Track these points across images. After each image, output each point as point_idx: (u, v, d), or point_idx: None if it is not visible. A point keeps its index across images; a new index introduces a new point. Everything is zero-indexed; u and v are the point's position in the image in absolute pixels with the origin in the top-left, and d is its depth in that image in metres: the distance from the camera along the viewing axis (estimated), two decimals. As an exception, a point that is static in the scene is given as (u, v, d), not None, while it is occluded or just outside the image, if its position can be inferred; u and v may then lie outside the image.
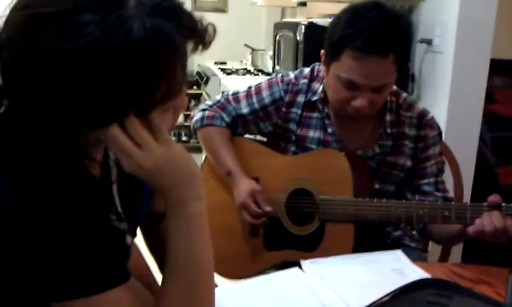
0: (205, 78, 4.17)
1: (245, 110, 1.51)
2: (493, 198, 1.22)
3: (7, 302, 0.67)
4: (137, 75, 0.64)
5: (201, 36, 0.71)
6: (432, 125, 1.44)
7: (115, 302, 0.69)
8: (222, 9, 4.85)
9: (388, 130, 1.41)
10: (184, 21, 0.68)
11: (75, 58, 0.61)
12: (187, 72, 0.73)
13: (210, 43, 0.73)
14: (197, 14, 0.71)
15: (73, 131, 0.69)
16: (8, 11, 0.65)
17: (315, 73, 1.48)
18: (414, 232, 1.54)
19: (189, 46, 0.71)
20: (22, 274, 0.65)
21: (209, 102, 1.57)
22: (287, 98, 1.47)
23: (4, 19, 0.65)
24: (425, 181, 1.44)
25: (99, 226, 0.71)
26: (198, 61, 4.58)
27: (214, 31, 0.73)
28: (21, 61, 0.63)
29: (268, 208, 1.38)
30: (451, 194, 1.53)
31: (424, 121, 1.43)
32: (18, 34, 0.63)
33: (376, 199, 1.33)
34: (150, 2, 0.65)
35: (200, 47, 0.72)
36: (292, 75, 1.50)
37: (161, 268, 0.90)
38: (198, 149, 2.32)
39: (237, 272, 1.41)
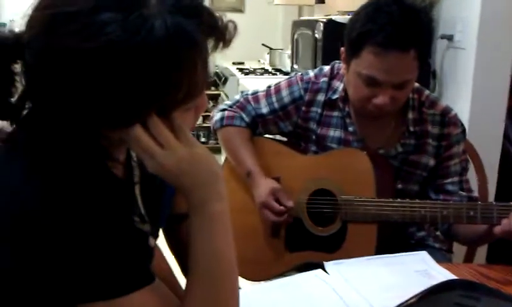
0: (223, 78, 4.17)
1: (265, 110, 1.49)
2: (521, 198, 1.19)
3: (30, 304, 0.67)
4: (158, 74, 0.63)
5: (222, 34, 0.70)
6: (456, 122, 1.41)
7: (139, 306, 0.68)
8: (239, 9, 4.85)
9: (411, 128, 1.39)
10: (205, 18, 0.67)
11: (97, 57, 0.60)
12: (208, 71, 0.72)
13: (230, 40, 0.72)
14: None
15: (96, 131, 0.68)
16: (30, 11, 0.65)
17: (335, 71, 1.46)
18: (438, 233, 1.51)
19: (210, 44, 0.70)
20: (44, 276, 0.64)
21: (228, 102, 1.56)
22: (306, 97, 1.45)
23: (27, 19, 0.65)
24: (449, 180, 1.42)
25: (123, 227, 0.71)
26: (216, 61, 4.58)
27: (235, 28, 0.72)
28: (43, 61, 0.63)
29: (290, 203, 1.36)
30: (476, 193, 1.49)
31: (447, 119, 1.40)
32: (40, 34, 0.63)
33: (399, 199, 1.31)
34: None
35: (221, 45, 0.71)
36: (311, 73, 1.48)
37: (184, 269, 0.89)
38: (217, 151, 2.31)
39: (258, 274, 1.40)
